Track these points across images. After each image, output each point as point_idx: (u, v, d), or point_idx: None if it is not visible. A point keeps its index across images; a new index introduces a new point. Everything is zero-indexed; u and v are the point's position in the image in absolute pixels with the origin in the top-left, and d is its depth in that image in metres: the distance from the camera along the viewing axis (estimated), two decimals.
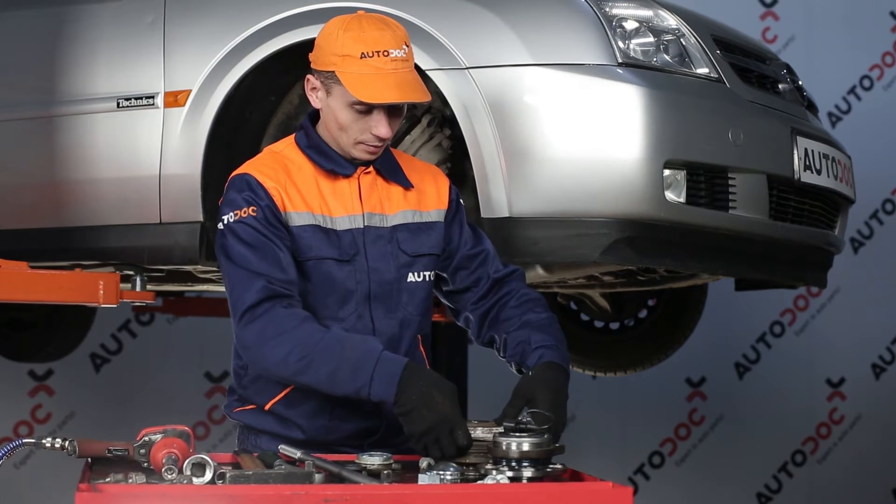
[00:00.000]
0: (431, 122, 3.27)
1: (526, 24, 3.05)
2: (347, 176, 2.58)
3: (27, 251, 3.51)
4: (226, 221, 2.52)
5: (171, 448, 2.15)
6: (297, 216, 2.53)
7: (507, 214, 3.01)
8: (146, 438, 2.19)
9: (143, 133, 3.39)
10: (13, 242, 3.61)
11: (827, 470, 6.37)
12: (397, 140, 3.24)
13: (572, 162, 2.99)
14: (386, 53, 2.48)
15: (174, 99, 3.35)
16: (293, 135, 2.65)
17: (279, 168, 2.56)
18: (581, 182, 2.98)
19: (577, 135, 2.99)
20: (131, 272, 3.58)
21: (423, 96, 2.52)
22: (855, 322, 6.37)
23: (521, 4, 3.09)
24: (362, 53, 2.47)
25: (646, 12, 3.15)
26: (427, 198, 2.66)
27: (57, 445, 2.21)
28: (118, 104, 3.43)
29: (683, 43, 3.17)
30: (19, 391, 5.86)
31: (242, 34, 3.25)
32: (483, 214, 3.03)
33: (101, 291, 3.41)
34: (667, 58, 3.13)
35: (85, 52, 3.55)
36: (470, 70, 3.04)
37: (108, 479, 2.12)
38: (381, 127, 2.51)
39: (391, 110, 2.53)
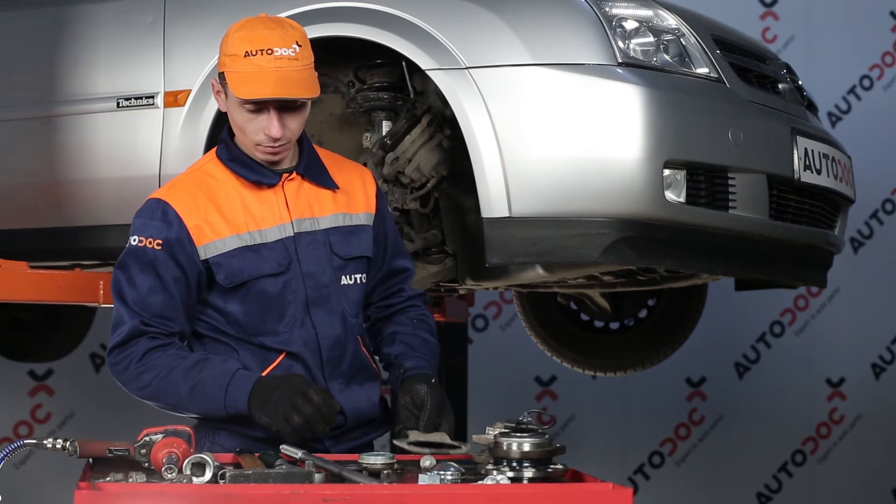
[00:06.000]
0: (431, 122, 3.26)
1: (526, 24, 3.05)
2: (272, 185, 2.57)
3: (27, 251, 3.52)
4: (131, 242, 2.54)
5: (171, 448, 2.15)
6: (222, 243, 2.53)
7: (507, 214, 3.01)
8: (147, 438, 2.20)
9: (143, 133, 3.39)
10: (13, 242, 3.61)
11: (827, 470, 6.36)
12: (397, 140, 3.24)
13: (572, 162, 2.98)
14: (270, 52, 2.46)
15: (174, 99, 3.35)
16: (215, 147, 2.64)
17: (199, 193, 2.55)
18: (581, 182, 2.98)
19: (577, 134, 2.98)
20: None
21: (303, 93, 2.49)
22: (855, 322, 6.36)
23: (521, 4, 3.09)
24: (246, 52, 2.46)
25: (646, 12, 3.15)
26: (355, 200, 2.66)
27: (58, 446, 2.21)
28: (118, 104, 3.43)
29: (683, 43, 3.17)
30: (19, 391, 5.85)
31: None
32: (483, 214, 3.02)
33: (101, 291, 3.42)
34: (667, 58, 3.13)
35: (85, 52, 3.55)
36: (470, 70, 3.04)
37: (108, 479, 2.12)
38: (271, 127, 2.49)
39: (284, 109, 2.50)
